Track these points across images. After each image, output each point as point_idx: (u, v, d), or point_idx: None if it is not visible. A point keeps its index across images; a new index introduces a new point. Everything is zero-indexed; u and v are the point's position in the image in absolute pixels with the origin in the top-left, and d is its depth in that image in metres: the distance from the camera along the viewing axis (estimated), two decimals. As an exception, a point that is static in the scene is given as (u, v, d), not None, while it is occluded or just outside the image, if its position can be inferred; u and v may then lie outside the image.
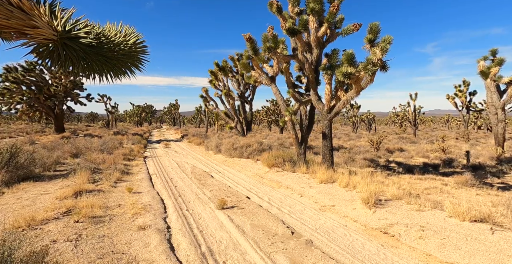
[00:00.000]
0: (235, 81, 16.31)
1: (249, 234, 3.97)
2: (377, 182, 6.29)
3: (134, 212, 4.68)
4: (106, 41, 1.58)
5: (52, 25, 1.28)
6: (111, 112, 34.20)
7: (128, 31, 1.71)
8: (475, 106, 25.65)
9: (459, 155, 12.29)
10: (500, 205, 4.82)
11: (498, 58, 10.96)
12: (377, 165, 10.15)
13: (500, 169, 8.59)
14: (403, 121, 38.19)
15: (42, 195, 5.54)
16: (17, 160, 6.84)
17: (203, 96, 17.60)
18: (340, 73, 5.95)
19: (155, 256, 3.26)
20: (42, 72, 18.83)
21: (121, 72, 1.73)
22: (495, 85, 11.27)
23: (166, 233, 3.95)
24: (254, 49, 7.37)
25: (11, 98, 17.90)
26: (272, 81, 8.57)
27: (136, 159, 11.16)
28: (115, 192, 5.98)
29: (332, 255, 3.42)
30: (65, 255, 3.17)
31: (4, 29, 1.18)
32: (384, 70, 5.63)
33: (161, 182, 7.20)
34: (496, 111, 11.23)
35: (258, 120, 48.17)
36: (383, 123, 74.87)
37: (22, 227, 3.82)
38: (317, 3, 6.73)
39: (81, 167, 7.53)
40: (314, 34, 7.21)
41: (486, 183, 6.99)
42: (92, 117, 65.27)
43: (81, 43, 1.42)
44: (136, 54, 1.74)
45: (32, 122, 42.89)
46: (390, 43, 5.40)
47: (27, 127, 30.21)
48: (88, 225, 4.05)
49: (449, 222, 4.11)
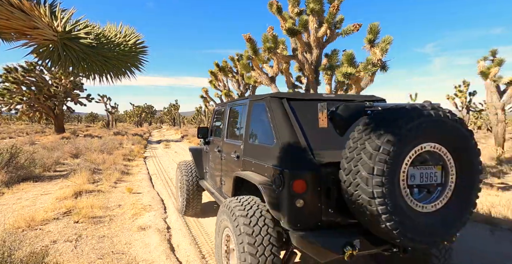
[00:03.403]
0: (235, 82, 16.31)
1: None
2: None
3: (134, 213, 4.68)
4: (106, 41, 1.58)
5: (52, 26, 1.28)
6: (111, 112, 34.22)
7: (128, 31, 1.71)
8: (475, 106, 25.66)
9: (459, 155, 12.29)
10: (500, 206, 4.83)
11: (498, 59, 10.96)
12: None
13: (500, 170, 8.59)
14: (403, 122, 38.17)
15: (42, 196, 5.54)
16: (17, 160, 6.84)
17: (203, 97, 17.61)
18: (340, 74, 5.95)
19: (155, 257, 3.26)
20: (42, 73, 18.83)
21: (121, 73, 1.73)
22: (495, 86, 11.27)
23: (166, 234, 3.95)
24: (254, 49, 7.37)
25: (11, 98, 17.90)
26: (272, 82, 8.58)
27: (136, 159, 11.16)
28: (115, 193, 5.98)
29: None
30: (65, 256, 3.17)
31: (4, 30, 1.19)
32: (384, 71, 5.63)
33: (161, 183, 7.20)
34: (496, 112, 11.24)
35: (258, 121, 48.12)
36: (383, 124, 74.93)
37: (22, 228, 3.82)
38: (317, 3, 6.73)
39: (81, 168, 7.52)
40: (314, 34, 7.22)
41: (486, 183, 6.99)
42: (92, 117, 65.32)
43: (81, 44, 1.42)
44: (136, 55, 1.74)
45: (32, 122, 42.93)
46: (390, 44, 5.40)
47: (27, 128, 30.24)
48: (88, 226, 4.05)
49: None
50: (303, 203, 2.01)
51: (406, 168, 1.78)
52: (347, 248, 1.87)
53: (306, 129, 2.32)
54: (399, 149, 1.72)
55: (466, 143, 1.90)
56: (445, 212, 1.87)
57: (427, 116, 1.77)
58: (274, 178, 2.18)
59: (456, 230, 1.91)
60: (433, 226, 1.82)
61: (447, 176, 1.91)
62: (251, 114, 2.90)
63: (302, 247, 2.02)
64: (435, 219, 1.84)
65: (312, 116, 2.34)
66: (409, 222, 1.75)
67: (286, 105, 2.48)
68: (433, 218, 1.84)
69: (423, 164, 1.91)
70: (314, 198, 2.05)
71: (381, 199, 1.69)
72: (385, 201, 1.69)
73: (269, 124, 2.48)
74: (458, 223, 1.90)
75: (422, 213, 1.82)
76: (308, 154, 2.14)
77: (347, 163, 1.86)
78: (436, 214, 1.85)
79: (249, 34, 7.22)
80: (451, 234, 1.89)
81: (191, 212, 4.57)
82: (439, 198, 1.89)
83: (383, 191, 1.69)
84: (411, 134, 1.74)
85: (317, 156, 2.13)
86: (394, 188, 1.74)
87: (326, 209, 2.07)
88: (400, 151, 1.73)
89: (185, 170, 4.59)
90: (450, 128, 1.84)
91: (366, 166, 1.72)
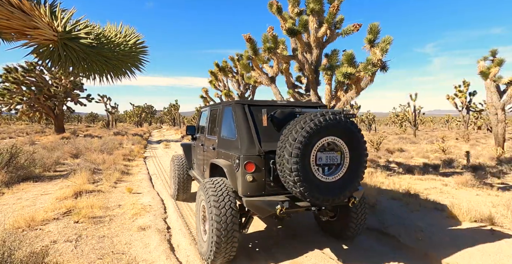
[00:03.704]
0: (235, 82, 16.31)
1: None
2: (377, 182, 6.29)
3: (134, 213, 4.68)
4: (106, 41, 1.58)
5: (53, 26, 1.28)
6: (111, 112, 34.21)
7: (128, 31, 1.71)
8: (475, 106, 25.66)
9: (459, 155, 12.30)
10: (500, 206, 4.82)
11: (498, 59, 10.96)
12: (377, 165, 10.14)
13: (500, 170, 8.59)
14: (403, 122, 38.18)
15: (42, 196, 5.54)
16: (17, 160, 6.84)
17: (203, 97, 17.60)
18: (340, 74, 5.95)
19: (155, 257, 3.26)
20: (42, 73, 18.82)
21: (121, 73, 1.73)
22: (495, 86, 11.27)
23: (166, 234, 3.95)
24: (254, 49, 7.37)
25: (11, 98, 17.89)
26: (272, 82, 8.57)
27: (136, 159, 11.16)
28: (115, 193, 5.98)
29: (332, 256, 3.42)
30: (65, 256, 3.17)
31: (5, 30, 1.19)
32: (384, 71, 5.63)
33: (161, 183, 7.20)
34: (496, 112, 11.23)
35: (258, 121, 48.11)
36: (383, 124, 74.88)
37: (22, 228, 3.82)
38: (317, 3, 6.73)
39: (81, 168, 7.52)
40: (314, 34, 7.22)
41: (486, 183, 6.98)
42: (92, 117, 65.28)
43: (81, 44, 1.42)
44: (136, 55, 1.74)
45: (32, 122, 42.92)
46: (390, 44, 5.40)
47: (27, 128, 30.24)
48: (88, 226, 4.05)
49: (449, 223, 4.11)
50: (252, 178, 2.91)
51: (314, 153, 2.64)
52: (277, 207, 2.81)
53: (258, 127, 3.16)
54: (309, 140, 2.58)
55: (355, 136, 2.78)
56: (341, 182, 2.76)
57: (328, 119, 2.63)
58: (234, 162, 3.07)
59: (349, 192, 2.81)
60: (333, 190, 2.72)
61: (344, 159, 2.77)
62: (222, 116, 3.75)
63: (250, 207, 2.88)
64: (335, 186, 2.73)
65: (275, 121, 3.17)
66: (316, 188, 2.62)
67: (246, 109, 3.31)
68: (333, 185, 2.73)
69: (328, 150, 2.77)
70: (260, 175, 2.95)
71: (296, 172, 2.55)
72: (299, 174, 2.55)
73: (233, 123, 3.31)
74: (350, 188, 2.79)
75: (326, 182, 2.70)
76: (257, 145, 3.00)
77: (278, 150, 2.73)
78: (335, 183, 2.74)
79: (249, 34, 7.22)
80: (345, 195, 2.78)
81: (181, 197, 5.47)
82: (337, 173, 2.76)
83: (298, 168, 2.54)
84: (317, 131, 2.59)
85: (263, 146, 3.00)
86: (305, 165, 2.59)
87: (268, 183, 2.97)
88: (310, 142, 2.59)
89: (177, 162, 5.47)
90: (344, 127, 2.71)
91: (287, 151, 2.58)
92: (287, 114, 3.12)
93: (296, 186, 2.57)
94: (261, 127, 3.15)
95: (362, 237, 3.87)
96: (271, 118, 3.12)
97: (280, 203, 2.82)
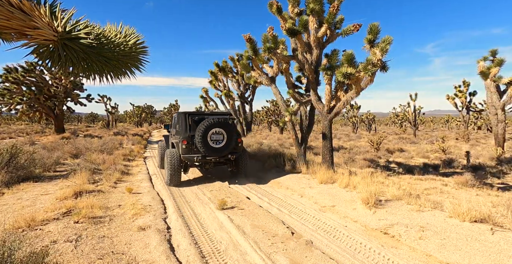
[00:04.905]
0: (235, 82, 16.31)
1: (249, 234, 3.97)
2: (377, 182, 6.29)
3: (134, 213, 4.68)
4: (106, 41, 1.58)
5: (53, 26, 1.28)
6: (111, 112, 34.19)
7: (128, 31, 1.71)
8: (475, 106, 25.66)
9: (459, 155, 12.29)
10: (500, 206, 4.81)
11: (498, 59, 10.97)
12: (377, 165, 10.14)
13: (500, 170, 8.59)
14: (403, 122, 38.18)
15: (42, 196, 5.54)
16: (17, 160, 6.84)
17: (203, 97, 17.60)
18: (340, 74, 5.95)
19: (155, 257, 3.26)
20: (42, 73, 18.81)
21: (121, 73, 1.73)
22: (495, 86, 11.27)
23: (166, 234, 3.95)
24: (254, 49, 7.38)
25: (11, 98, 17.88)
26: (272, 82, 8.57)
27: (136, 159, 11.17)
28: (115, 193, 5.98)
29: (332, 256, 3.42)
30: (65, 256, 3.17)
31: (5, 30, 1.19)
32: (384, 71, 5.63)
33: (161, 183, 7.20)
34: (496, 112, 11.24)
35: (258, 121, 48.15)
36: (383, 124, 74.83)
37: (22, 228, 3.82)
38: (317, 3, 6.73)
39: (81, 168, 7.53)
40: (314, 34, 7.22)
41: (486, 183, 6.99)
42: (92, 117, 65.25)
43: (81, 44, 1.42)
44: (136, 55, 1.74)
45: (32, 122, 42.92)
46: (390, 44, 5.40)
47: (27, 128, 30.23)
48: (88, 226, 4.05)
49: (449, 223, 4.11)
50: (185, 147, 6.72)
51: (210, 135, 6.57)
52: (195, 158, 6.68)
53: (192, 127, 6.95)
54: (206, 130, 6.54)
55: (230, 128, 6.77)
56: (223, 147, 6.72)
57: (216, 120, 6.62)
58: (180, 141, 6.82)
59: (227, 152, 6.88)
60: (219, 151, 6.72)
61: (224, 138, 6.71)
62: (178, 119, 7.40)
63: (184, 159, 6.79)
64: (220, 149, 6.70)
65: (195, 121, 7.02)
66: (210, 150, 6.62)
67: (186, 116, 7.09)
68: (219, 149, 6.70)
69: (217, 133, 6.64)
70: (188, 145, 6.75)
71: (201, 143, 6.52)
72: (202, 144, 6.53)
73: (180, 124, 7.19)
74: (227, 150, 6.80)
75: (216, 148, 6.66)
76: (188, 132, 6.91)
77: (195, 134, 6.60)
78: (220, 148, 6.70)
79: (249, 34, 7.22)
80: (226, 153, 6.84)
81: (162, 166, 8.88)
82: (221, 144, 6.70)
83: (201, 141, 6.51)
84: (210, 125, 6.56)
85: (190, 132, 6.90)
86: (206, 141, 6.55)
87: (192, 149, 6.78)
88: (207, 130, 6.55)
89: (161, 145, 9.12)
90: (225, 123, 6.72)
91: (198, 134, 6.52)
92: (200, 118, 7.02)
93: (202, 150, 6.56)
94: (193, 126, 6.93)
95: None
96: (194, 120, 7.01)
97: (196, 157, 6.66)
